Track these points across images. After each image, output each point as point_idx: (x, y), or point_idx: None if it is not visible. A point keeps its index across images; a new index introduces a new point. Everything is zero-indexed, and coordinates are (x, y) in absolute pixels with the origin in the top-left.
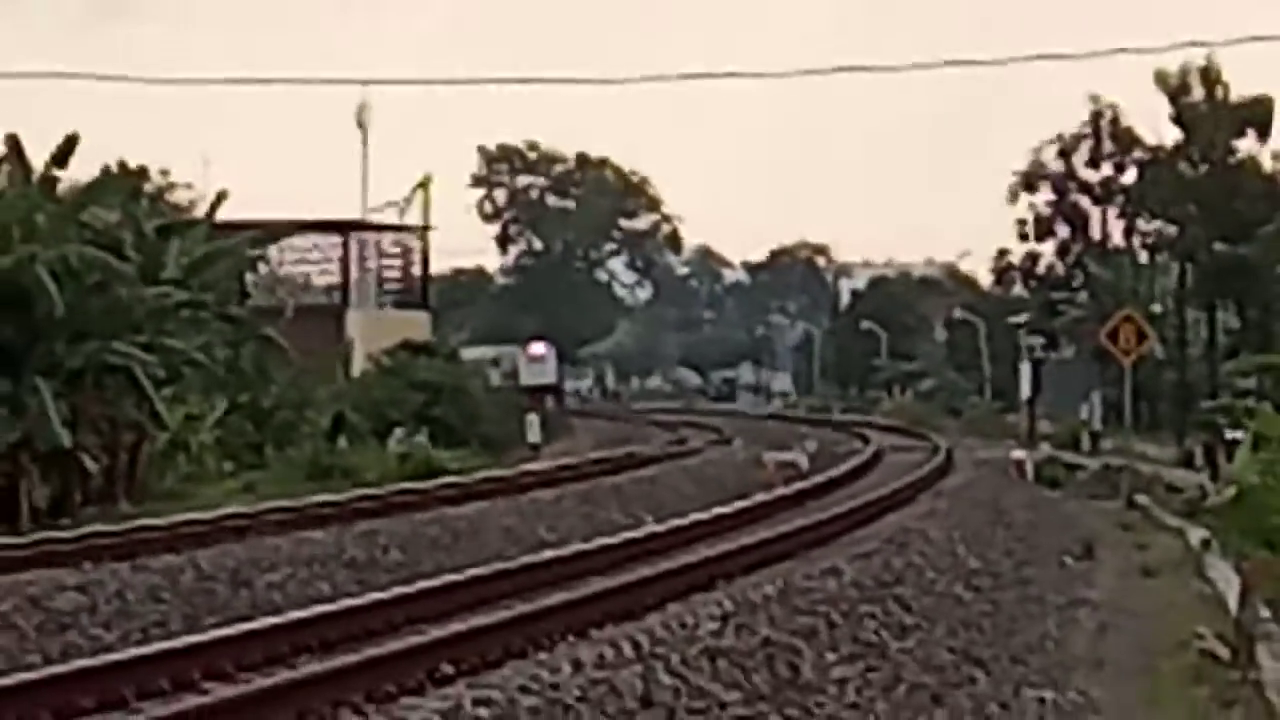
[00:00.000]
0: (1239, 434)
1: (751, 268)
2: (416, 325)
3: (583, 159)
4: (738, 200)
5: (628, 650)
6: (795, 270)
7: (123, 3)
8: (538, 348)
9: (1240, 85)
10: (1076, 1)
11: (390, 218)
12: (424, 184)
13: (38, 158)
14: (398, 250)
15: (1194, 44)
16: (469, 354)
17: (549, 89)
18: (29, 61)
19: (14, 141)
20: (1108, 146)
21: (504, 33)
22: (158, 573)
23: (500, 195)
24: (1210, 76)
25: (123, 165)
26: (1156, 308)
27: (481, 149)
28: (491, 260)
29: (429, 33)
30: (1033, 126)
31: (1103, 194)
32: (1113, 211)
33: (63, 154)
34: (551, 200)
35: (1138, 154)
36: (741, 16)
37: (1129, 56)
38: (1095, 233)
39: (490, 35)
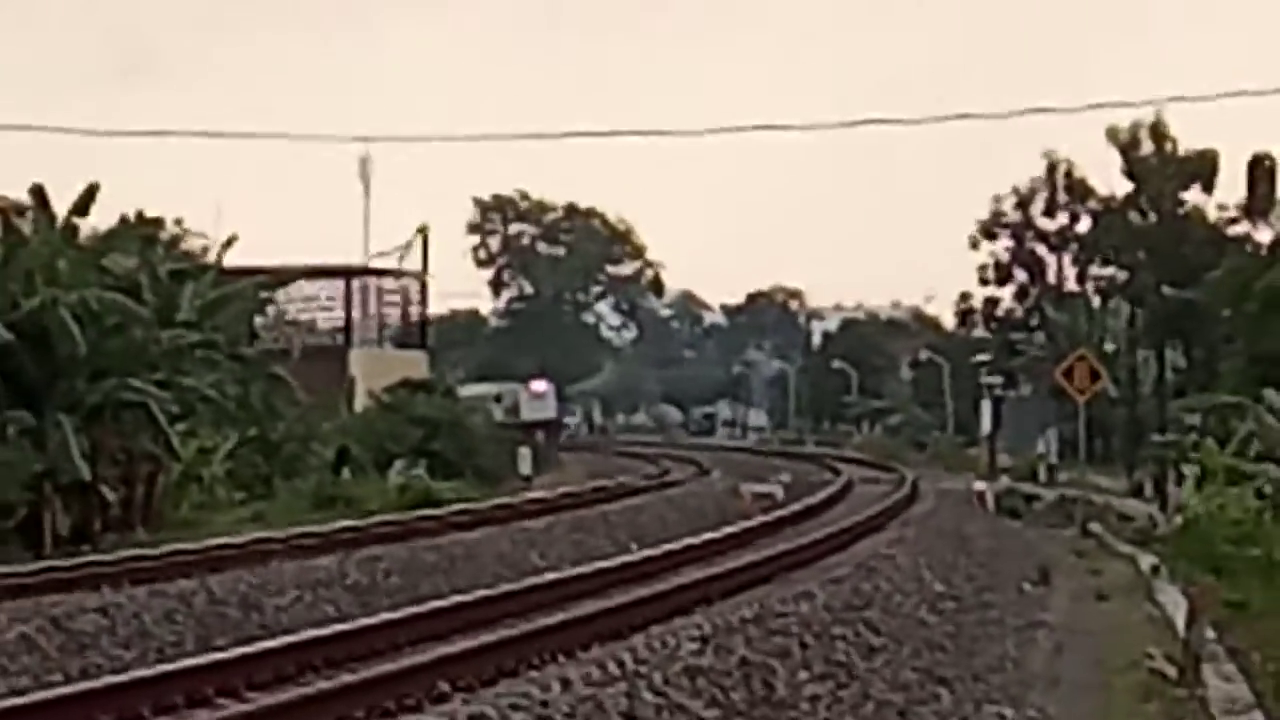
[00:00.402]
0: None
1: (729, 310)
2: (415, 364)
3: (571, 208)
4: (716, 247)
5: (613, 669)
6: (770, 313)
7: (145, 60)
8: (539, 385)
9: (1187, 140)
10: (1031, 62)
11: (390, 264)
12: (422, 232)
13: (61, 207)
14: (397, 294)
15: (1144, 103)
16: (472, 391)
17: (540, 143)
18: (55, 115)
19: (39, 191)
20: (1062, 197)
21: (496, 90)
22: (173, 597)
23: (494, 242)
24: (1159, 132)
25: (140, 214)
26: (1109, 348)
27: (476, 199)
28: (485, 303)
29: (426, 90)
30: (993, 179)
31: (1058, 242)
32: (1067, 258)
33: (83, 203)
34: (542, 247)
35: (1091, 204)
36: (722, 79)
37: (1083, 113)
38: (1051, 278)
39: (483, 93)
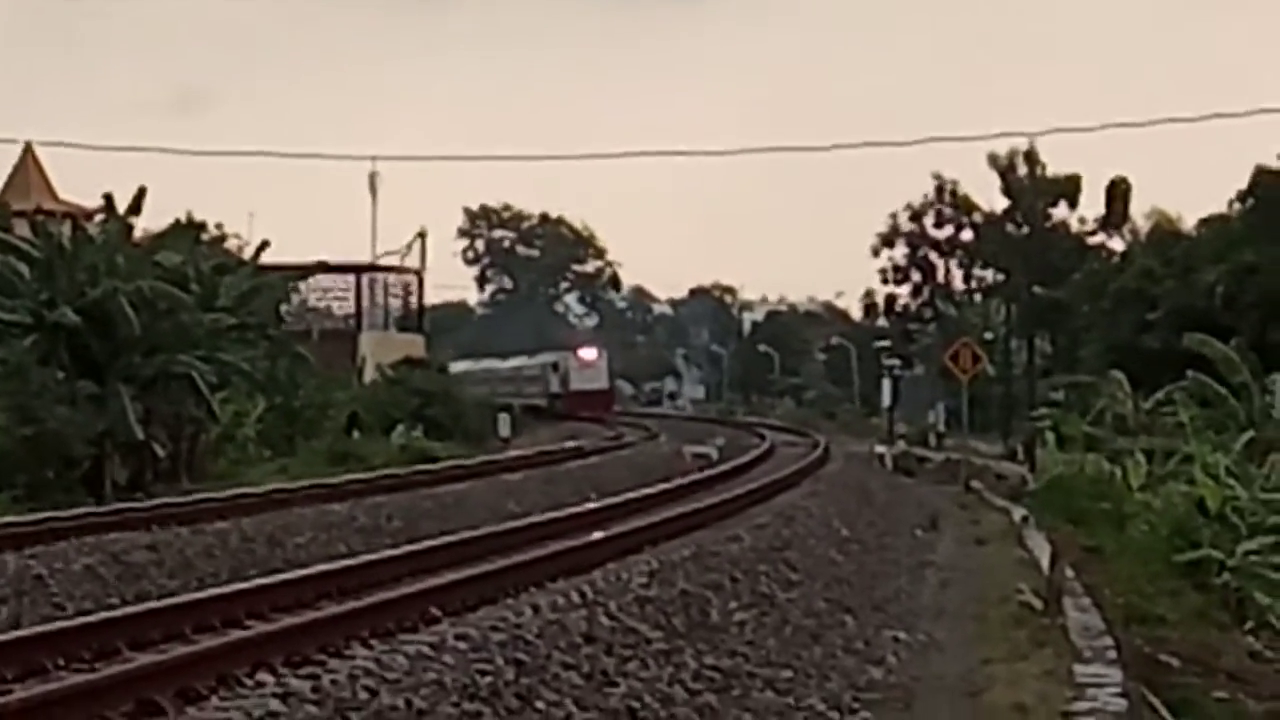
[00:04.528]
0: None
1: (675, 303)
2: (414, 345)
3: (544, 217)
4: (664, 250)
5: (576, 598)
6: (709, 305)
7: (202, 95)
8: (588, 352)
9: (1055, 165)
10: (925, 97)
11: (394, 262)
12: (420, 236)
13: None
14: (399, 287)
15: (1019, 133)
16: (504, 365)
17: (519, 163)
18: (117, 136)
19: (109, 200)
20: (950, 212)
21: (483, 119)
22: (212, 535)
23: (480, 244)
24: (1031, 158)
25: (189, 219)
26: (988, 336)
27: (466, 209)
28: (472, 295)
29: (426, 118)
30: (892, 195)
31: (947, 248)
32: (954, 262)
33: (136, 204)
34: (520, 249)
35: (974, 218)
36: (671, 111)
37: (968, 142)
38: (941, 278)
39: (472, 121)
